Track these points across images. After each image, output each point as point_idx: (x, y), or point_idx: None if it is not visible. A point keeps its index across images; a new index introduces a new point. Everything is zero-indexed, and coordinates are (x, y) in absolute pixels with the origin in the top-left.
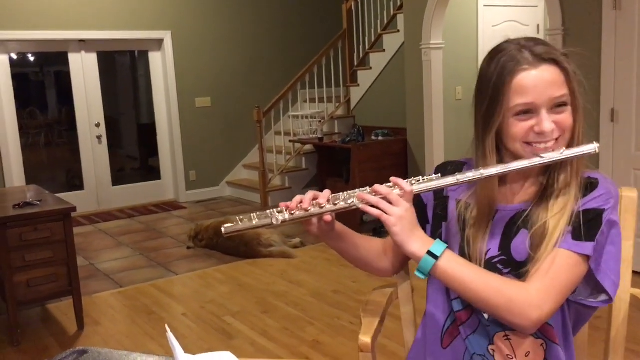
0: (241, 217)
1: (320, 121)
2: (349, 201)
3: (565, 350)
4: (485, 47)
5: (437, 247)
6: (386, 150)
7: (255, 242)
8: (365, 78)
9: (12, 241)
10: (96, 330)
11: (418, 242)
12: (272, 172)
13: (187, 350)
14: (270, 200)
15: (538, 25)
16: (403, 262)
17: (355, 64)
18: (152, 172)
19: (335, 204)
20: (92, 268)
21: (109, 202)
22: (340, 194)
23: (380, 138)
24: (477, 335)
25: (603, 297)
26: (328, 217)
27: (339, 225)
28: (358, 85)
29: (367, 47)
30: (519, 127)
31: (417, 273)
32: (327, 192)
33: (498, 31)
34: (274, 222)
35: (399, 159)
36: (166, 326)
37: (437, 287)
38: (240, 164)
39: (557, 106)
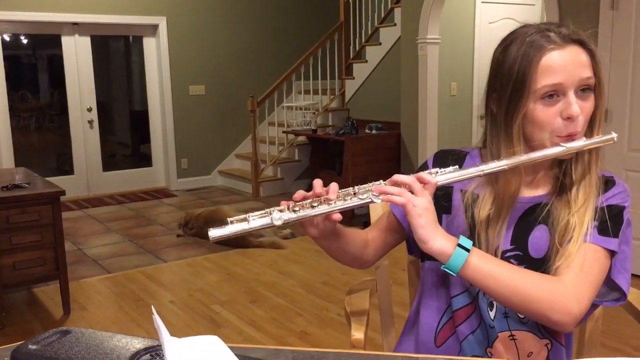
0: (232, 219)
1: (314, 113)
2: (363, 196)
3: (567, 350)
4: (481, 44)
5: (465, 241)
6: (380, 144)
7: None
8: (361, 71)
9: None
10: (82, 315)
11: (443, 237)
12: (264, 163)
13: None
14: (262, 191)
15: None
16: (386, 250)
17: (351, 56)
18: (143, 159)
19: (347, 200)
20: (80, 253)
21: (99, 187)
22: (350, 188)
23: (374, 132)
24: (476, 336)
25: (613, 295)
26: (338, 216)
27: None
28: (353, 78)
29: (363, 40)
30: (545, 113)
31: (446, 270)
32: (334, 185)
33: (494, 28)
34: (275, 221)
35: (392, 153)
36: (152, 308)
37: (433, 281)
38: (232, 154)
39: (582, 90)
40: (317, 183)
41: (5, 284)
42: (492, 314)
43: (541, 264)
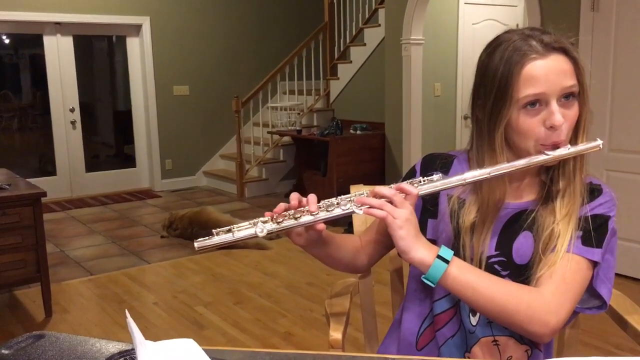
0: (217, 230)
1: (299, 113)
2: (345, 207)
3: (545, 356)
4: (465, 45)
5: (446, 252)
6: (364, 144)
7: None
8: (345, 71)
9: None
10: (64, 318)
11: (424, 248)
12: (249, 163)
13: (157, 339)
14: (246, 191)
15: (517, 25)
16: (379, 256)
17: (336, 57)
18: (127, 160)
19: (329, 210)
20: (62, 255)
21: (82, 188)
22: (333, 199)
23: (358, 132)
24: (455, 340)
25: (594, 302)
26: (322, 226)
27: (325, 231)
28: (338, 78)
29: (347, 41)
30: (529, 123)
31: (425, 280)
32: (313, 197)
33: (478, 29)
34: (259, 232)
35: (376, 153)
36: (126, 311)
37: (417, 286)
38: (217, 154)
39: (565, 98)
40: (294, 196)
41: None
42: (474, 319)
43: (525, 270)
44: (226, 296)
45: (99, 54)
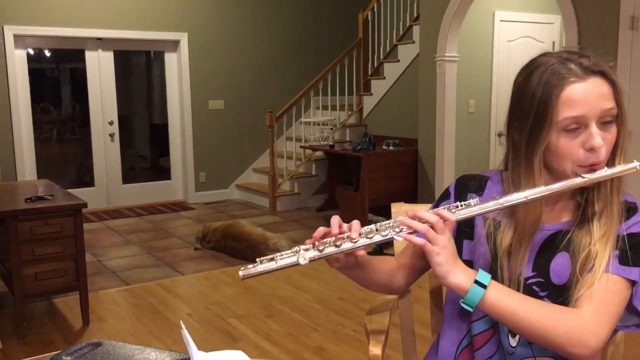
0: (261, 258)
1: (332, 128)
2: (385, 233)
3: None
4: (500, 62)
5: (483, 276)
6: (397, 160)
7: (263, 245)
8: (379, 87)
9: (23, 234)
10: (101, 326)
11: (462, 273)
12: (281, 177)
13: None
14: (278, 205)
15: (553, 42)
16: (414, 279)
17: (369, 73)
18: (162, 172)
19: (369, 237)
20: (99, 265)
21: (118, 199)
22: (372, 225)
23: (391, 148)
24: None
25: (634, 320)
26: (362, 252)
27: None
28: (371, 94)
29: (381, 57)
30: (568, 145)
31: (463, 305)
32: (357, 223)
33: (513, 46)
34: (301, 261)
35: (409, 169)
36: (181, 322)
37: (453, 308)
38: (250, 168)
39: (604, 122)
40: (335, 222)
41: (26, 294)
42: (513, 340)
43: (563, 291)
44: (258, 309)
45: (138, 69)
